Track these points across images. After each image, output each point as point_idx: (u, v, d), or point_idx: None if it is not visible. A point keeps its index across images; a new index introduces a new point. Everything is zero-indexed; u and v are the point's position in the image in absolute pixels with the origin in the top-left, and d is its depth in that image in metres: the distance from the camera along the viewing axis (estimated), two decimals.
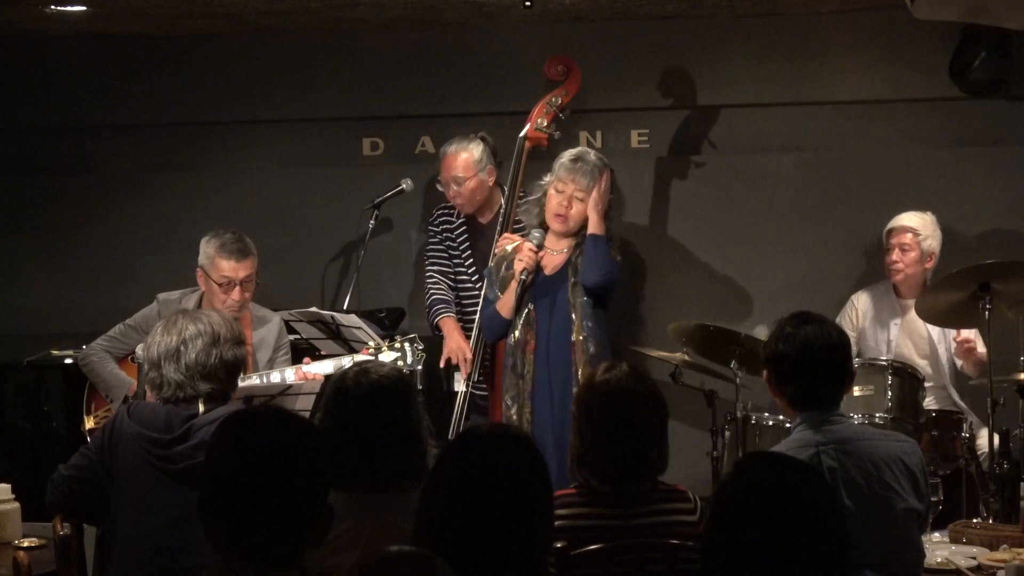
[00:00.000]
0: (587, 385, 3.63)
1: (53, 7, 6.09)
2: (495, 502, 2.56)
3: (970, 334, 5.74)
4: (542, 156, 5.78)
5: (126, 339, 5.20)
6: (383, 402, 3.41)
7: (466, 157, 5.87)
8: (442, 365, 5.67)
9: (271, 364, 5.13)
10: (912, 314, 5.76)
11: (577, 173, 5.25)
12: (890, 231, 5.95)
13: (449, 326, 5.75)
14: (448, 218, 6.03)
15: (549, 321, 5.29)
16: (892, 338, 5.97)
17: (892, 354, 5.84)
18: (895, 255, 5.91)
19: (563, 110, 5.81)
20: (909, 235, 5.89)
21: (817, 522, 2.38)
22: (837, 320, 5.99)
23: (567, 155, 5.36)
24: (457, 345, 5.63)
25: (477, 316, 5.61)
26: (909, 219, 5.93)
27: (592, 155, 5.37)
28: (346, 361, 4.72)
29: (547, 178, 5.37)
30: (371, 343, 4.94)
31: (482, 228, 5.98)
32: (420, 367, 4.94)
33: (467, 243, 5.97)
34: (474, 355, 5.58)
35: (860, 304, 6.07)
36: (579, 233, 5.33)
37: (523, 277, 5.27)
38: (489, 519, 2.55)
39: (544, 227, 5.36)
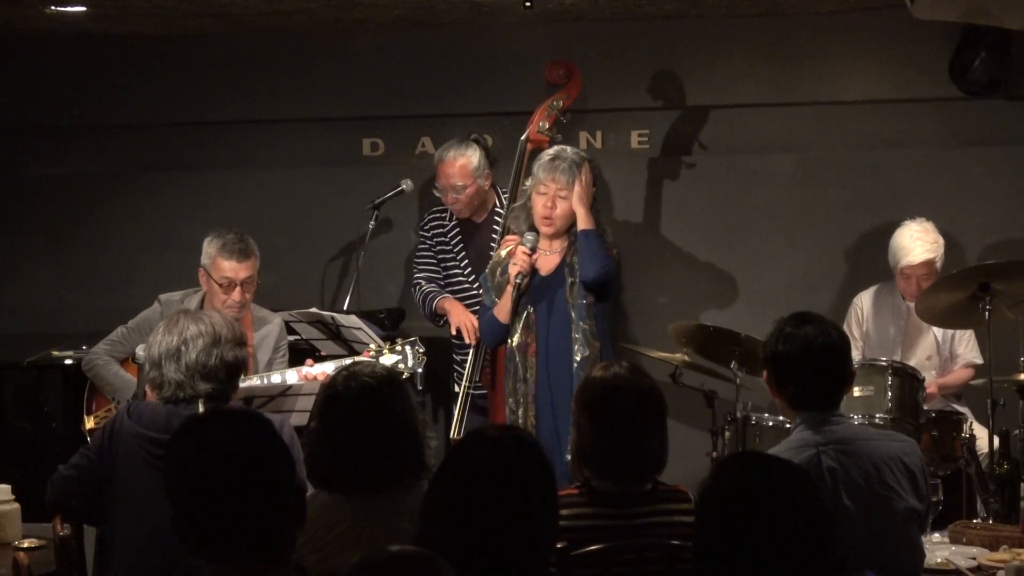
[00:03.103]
0: (586, 382, 3.65)
1: (53, 7, 6.09)
2: (501, 505, 2.57)
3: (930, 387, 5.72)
4: None
5: (127, 342, 5.20)
6: (375, 403, 3.41)
7: (464, 164, 5.86)
8: (453, 333, 5.69)
9: (269, 365, 5.13)
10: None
11: (556, 171, 5.26)
12: (908, 266, 5.78)
13: (448, 304, 5.77)
14: (440, 221, 6.03)
15: (548, 323, 5.30)
16: (897, 339, 5.96)
17: (898, 355, 5.83)
18: (914, 288, 5.76)
19: (564, 113, 5.83)
20: (928, 267, 5.77)
21: (800, 519, 2.39)
22: (845, 323, 5.99)
23: (544, 156, 5.37)
24: (463, 316, 5.65)
25: (476, 320, 5.62)
26: (923, 250, 5.75)
27: (569, 151, 5.38)
28: (348, 363, 4.72)
29: (529, 183, 5.39)
30: (372, 346, 4.95)
31: (476, 227, 5.99)
32: (421, 369, 4.94)
33: (461, 243, 5.97)
34: (474, 357, 5.58)
35: (864, 306, 6.06)
36: (570, 232, 5.33)
37: (518, 281, 5.27)
38: (494, 521, 2.55)
39: (535, 230, 5.37)
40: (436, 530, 2.59)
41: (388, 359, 4.81)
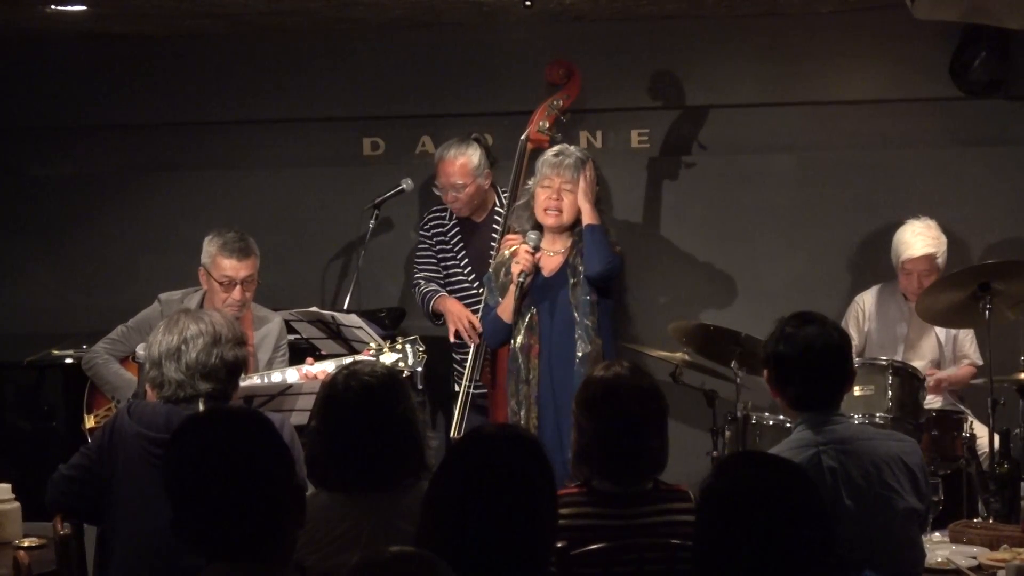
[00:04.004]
0: (587, 382, 3.65)
1: (53, 7, 6.09)
2: (501, 503, 2.57)
3: (934, 376, 5.72)
4: None
5: (127, 341, 5.20)
6: (374, 402, 3.41)
7: (464, 163, 5.87)
8: (452, 339, 5.71)
9: (269, 364, 5.13)
10: None
11: (560, 167, 5.29)
12: (908, 260, 5.79)
13: (446, 303, 5.78)
14: (440, 221, 6.03)
15: (551, 324, 5.29)
16: (900, 339, 5.95)
17: (901, 355, 5.83)
18: (916, 284, 5.76)
19: (564, 113, 5.83)
20: (928, 263, 5.77)
21: (800, 519, 2.39)
22: (843, 321, 5.99)
23: (548, 153, 5.41)
24: (461, 315, 5.65)
25: (475, 318, 5.62)
26: (924, 244, 5.77)
27: (573, 149, 5.42)
28: (348, 361, 4.72)
29: (532, 181, 5.40)
30: (372, 344, 4.95)
31: (476, 227, 5.99)
32: (421, 368, 4.94)
33: (461, 243, 5.98)
34: (474, 356, 5.58)
35: (866, 305, 6.05)
36: (574, 230, 5.33)
37: (521, 280, 5.27)
38: (494, 520, 2.55)
39: (539, 229, 5.37)
40: (436, 529, 2.59)
41: (388, 357, 4.82)
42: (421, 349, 4.89)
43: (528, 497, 2.61)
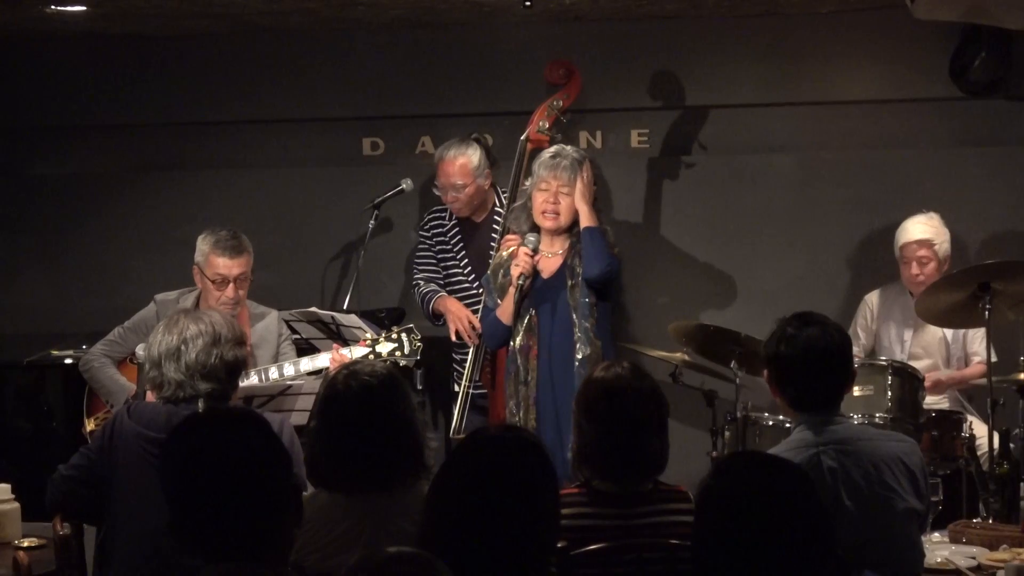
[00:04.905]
0: (587, 383, 3.65)
1: (53, 7, 6.09)
2: (503, 504, 2.57)
3: (933, 376, 5.73)
4: None
5: (125, 342, 5.21)
6: (374, 402, 3.41)
7: (464, 163, 5.86)
8: (453, 339, 5.71)
9: (276, 358, 5.14)
10: None
11: (558, 168, 5.26)
12: (904, 245, 5.83)
13: (446, 303, 5.78)
14: (440, 221, 6.03)
15: (551, 325, 5.28)
16: (907, 339, 5.95)
17: (908, 353, 5.83)
18: (915, 269, 5.78)
19: (564, 113, 5.83)
20: (925, 248, 5.80)
21: (799, 519, 2.39)
22: (853, 320, 6.01)
23: (545, 154, 5.37)
24: (461, 315, 5.65)
25: (475, 318, 5.62)
26: (921, 230, 5.81)
27: (569, 149, 5.38)
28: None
29: (528, 183, 5.38)
30: (369, 335, 4.96)
31: (476, 227, 5.99)
32: (419, 357, 4.95)
33: (461, 243, 5.97)
34: (474, 356, 5.58)
35: (875, 305, 6.05)
36: (572, 232, 5.32)
37: (520, 282, 5.26)
38: (497, 520, 2.55)
39: (537, 230, 5.36)
40: (438, 529, 2.59)
41: (384, 347, 4.85)
42: (417, 338, 4.92)
43: (530, 498, 2.62)
